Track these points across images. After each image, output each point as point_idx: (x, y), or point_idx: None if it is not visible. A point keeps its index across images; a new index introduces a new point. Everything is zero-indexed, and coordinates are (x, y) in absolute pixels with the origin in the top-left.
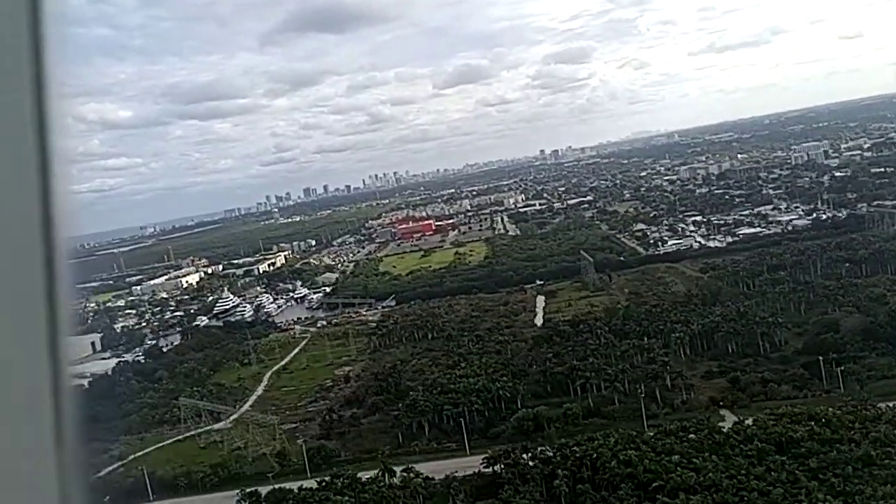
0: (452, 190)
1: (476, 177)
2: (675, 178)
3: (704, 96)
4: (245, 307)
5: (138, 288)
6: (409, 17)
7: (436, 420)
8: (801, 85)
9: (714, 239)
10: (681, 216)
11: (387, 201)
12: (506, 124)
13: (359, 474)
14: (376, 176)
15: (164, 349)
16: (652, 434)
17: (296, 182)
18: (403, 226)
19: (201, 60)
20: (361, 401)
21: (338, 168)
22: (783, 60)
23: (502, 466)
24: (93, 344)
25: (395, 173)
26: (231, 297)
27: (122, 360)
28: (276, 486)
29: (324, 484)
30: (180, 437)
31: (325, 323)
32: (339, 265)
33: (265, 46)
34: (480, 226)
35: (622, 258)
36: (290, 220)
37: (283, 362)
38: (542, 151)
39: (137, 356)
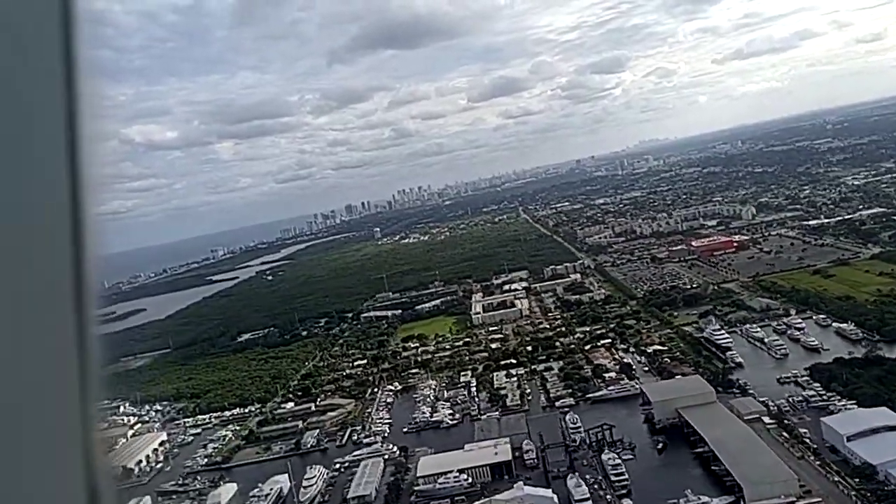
0: (572, 203)
1: (535, 189)
2: None
3: (712, 103)
4: (772, 341)
5: (478, 316)
6: (485, 30)
7: None
8: (805, 89)
9: None
10: None
11: (502, 217)
12: (517, 136)
13: None
14: (404, 191)
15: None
16: None
17: (303, 199)
18: (697, 243)
19: (265, 78)
20: None
21: (346, 183)
22: (796, 65)
23: None
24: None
25: (419, 188)
26: (720, 328)
27: None
28: None
29: None
30: None
31: None
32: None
33: (333, 64)
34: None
35: None
36: (404, 240)
37: None
38: (578, 161)
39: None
